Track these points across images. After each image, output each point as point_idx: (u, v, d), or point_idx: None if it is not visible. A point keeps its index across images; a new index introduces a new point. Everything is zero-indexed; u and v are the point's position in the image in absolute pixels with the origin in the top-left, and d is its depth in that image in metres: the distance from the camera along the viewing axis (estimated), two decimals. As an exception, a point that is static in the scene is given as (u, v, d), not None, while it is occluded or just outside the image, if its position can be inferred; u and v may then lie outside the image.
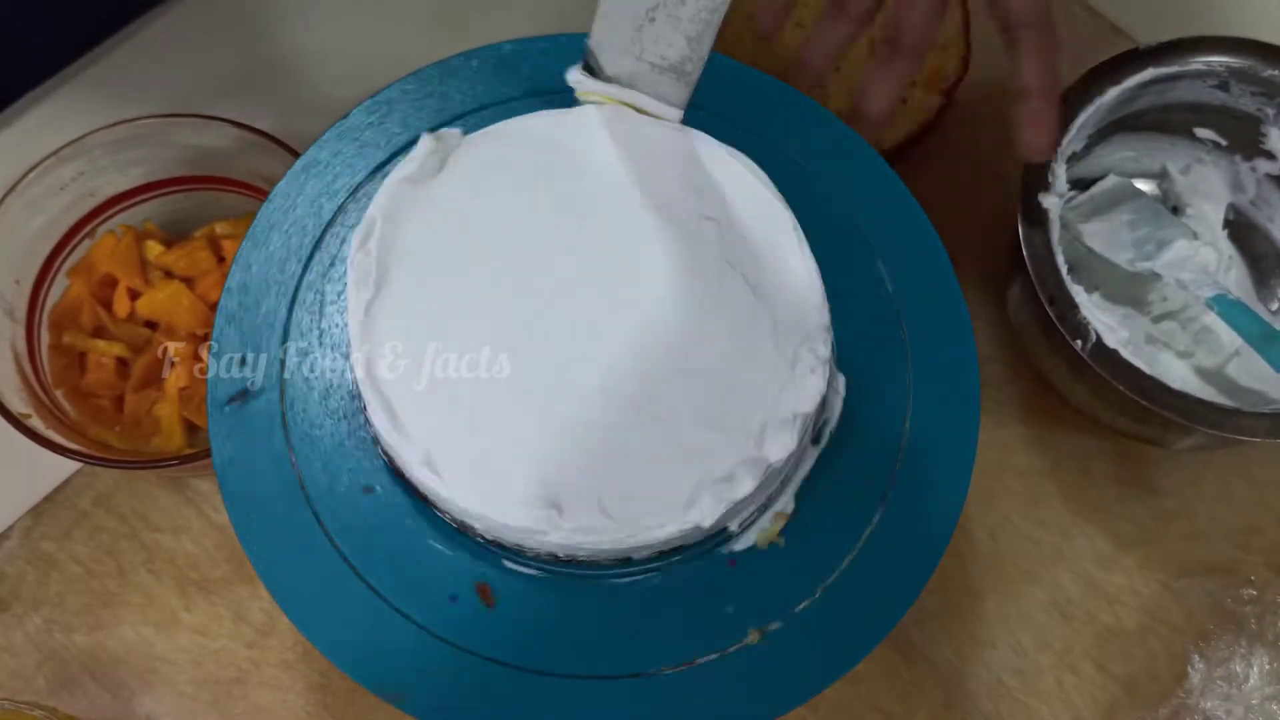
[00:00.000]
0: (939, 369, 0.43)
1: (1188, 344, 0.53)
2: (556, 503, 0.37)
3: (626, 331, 0.39)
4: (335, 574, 0.41)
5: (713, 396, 0.38)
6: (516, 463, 0.37)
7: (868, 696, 0.51)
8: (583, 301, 0.39)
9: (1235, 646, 0.50)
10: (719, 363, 0.39)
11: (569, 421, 0.38)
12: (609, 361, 0.38)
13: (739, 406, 0.38)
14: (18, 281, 0.52)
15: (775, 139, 0.46)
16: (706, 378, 0.39)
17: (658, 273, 0.40)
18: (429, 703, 0.40)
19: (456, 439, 0.37)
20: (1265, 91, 0.50)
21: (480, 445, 0.37)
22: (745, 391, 0.39)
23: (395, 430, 0.37)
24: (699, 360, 0.39)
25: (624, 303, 0.39)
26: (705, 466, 0.38)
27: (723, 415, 0.38)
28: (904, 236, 0.45)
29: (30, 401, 0.50)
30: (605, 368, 0.38)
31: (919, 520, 0.41)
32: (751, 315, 0.39)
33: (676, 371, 0.38)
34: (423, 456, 0.37)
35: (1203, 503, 0.54)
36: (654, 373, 0.38)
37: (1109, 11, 0.61)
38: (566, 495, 0.37)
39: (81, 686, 0.51)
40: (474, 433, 0.37)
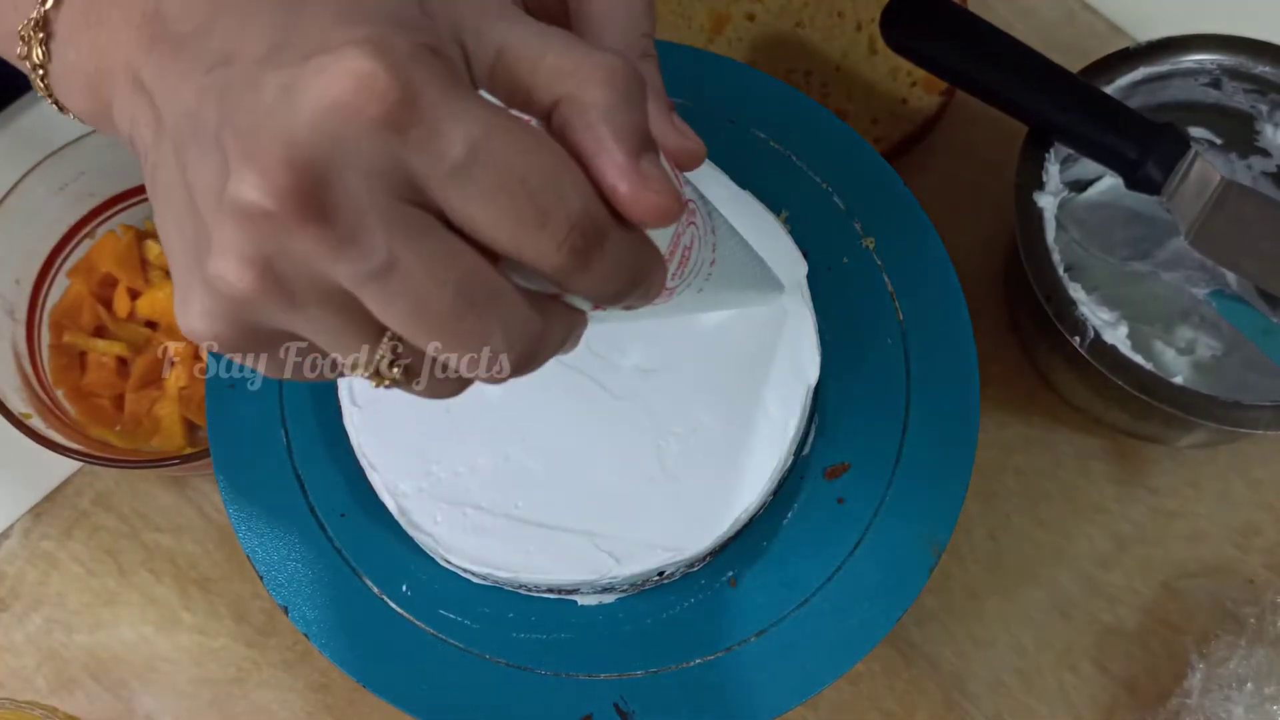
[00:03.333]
0: (939, 368, 0.43)
1: (1187, 341, 0.53)
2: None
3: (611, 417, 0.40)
4: (335, 574, 0.41)
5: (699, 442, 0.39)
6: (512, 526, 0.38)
7: (868, 696, 0.51)
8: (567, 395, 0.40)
9: (1235, 646, 0.50)
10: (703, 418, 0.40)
11: (561, 482, 0.39)
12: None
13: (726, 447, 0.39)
14: (18, 281, 0.53)
15: (775, 138, 0.46)
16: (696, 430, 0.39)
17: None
18: (429, 701, 0.40)
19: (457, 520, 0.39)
20: (1258, 88, 0.50)
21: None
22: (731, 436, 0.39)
23: (402, 514, 0.39)
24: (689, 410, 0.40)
25: (606, 393, 0.40)
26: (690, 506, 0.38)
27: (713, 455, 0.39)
28: (904, 236, 0.45)
29: (30, 401, 0.50)
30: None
31: (919, 519, 0.41)
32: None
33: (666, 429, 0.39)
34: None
35: (1203, 502, 0.54)
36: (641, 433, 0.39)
37: (1109, 10, 0.61)
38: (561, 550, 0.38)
39: (81, 686, 0.51)
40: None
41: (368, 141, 0.22)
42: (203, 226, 0.23)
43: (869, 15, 0.58)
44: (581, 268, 0.24)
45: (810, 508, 0.41)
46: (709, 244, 0.31)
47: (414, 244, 0.22)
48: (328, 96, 0.22)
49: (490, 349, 0.24)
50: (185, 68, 0.24)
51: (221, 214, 0.22)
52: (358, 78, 0.22)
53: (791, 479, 0.42)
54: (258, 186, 0.22)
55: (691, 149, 0.30)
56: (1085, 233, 0.54)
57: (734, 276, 0.35)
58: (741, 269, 0.36)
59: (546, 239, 0.23)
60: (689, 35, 0.59)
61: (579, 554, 0.38)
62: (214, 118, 0.23)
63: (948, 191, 0.58)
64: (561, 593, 0.40)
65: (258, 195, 0.22)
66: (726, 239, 0.33)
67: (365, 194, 0.22)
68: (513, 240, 0.23)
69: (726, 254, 0.33)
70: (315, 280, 0.23)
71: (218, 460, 0.42)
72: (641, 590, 0.40)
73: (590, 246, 0.23)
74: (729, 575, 0.41)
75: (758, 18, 0.59)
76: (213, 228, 0.23)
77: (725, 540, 0.40)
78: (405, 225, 0.22)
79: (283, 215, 0.22)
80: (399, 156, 0.22)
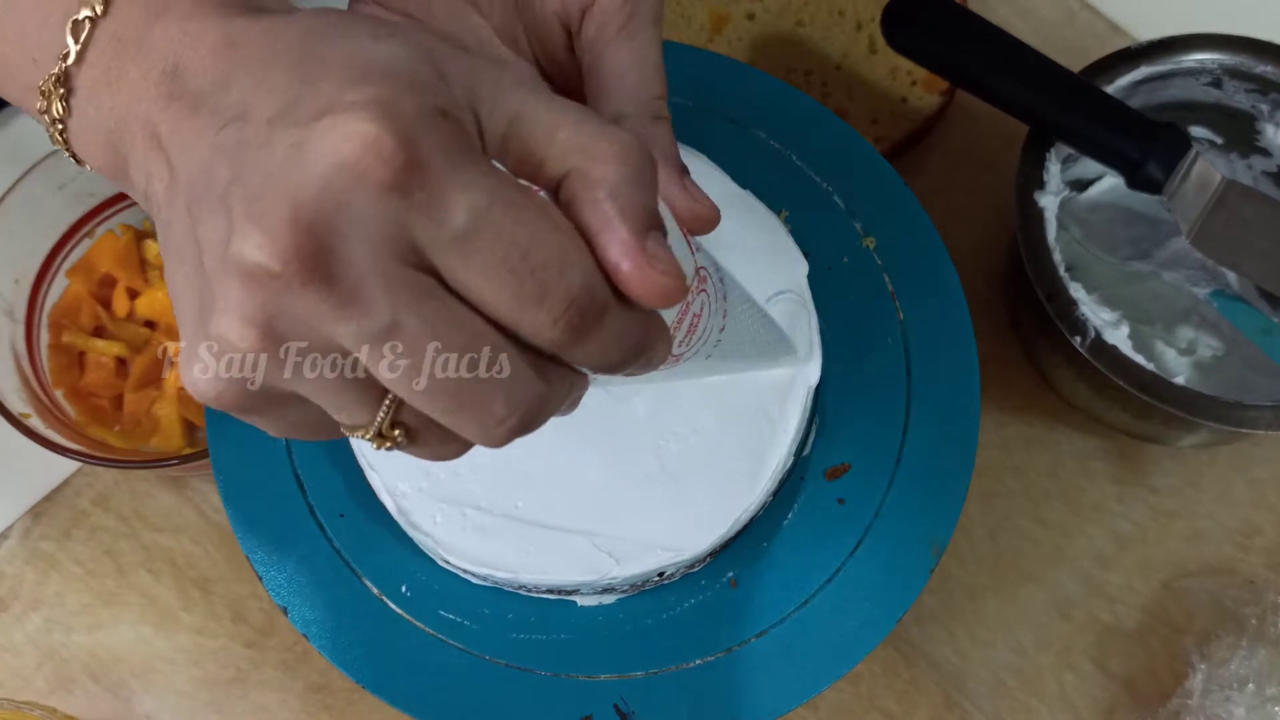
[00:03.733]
0: (940, 368, 0.43)
1: (1188, 341, 0.53)
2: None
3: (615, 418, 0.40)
4: (334, 574, 0.41)
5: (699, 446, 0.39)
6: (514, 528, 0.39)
7: (868, 696, 0.51)
8: None
9: (1236, 646, 0.50)
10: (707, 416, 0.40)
11: (563, 485, 0.38)
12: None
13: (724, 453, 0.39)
14: (17, 281, 0.52)
15: (775, 138, 0.46)
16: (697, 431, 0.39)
17: None
18: (429, 702, 0.40)
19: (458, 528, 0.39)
20: (1259, 88, 0.50)
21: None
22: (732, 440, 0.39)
23: (402, 514, 0.39)
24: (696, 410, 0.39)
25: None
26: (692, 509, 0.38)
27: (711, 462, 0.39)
28: (905, 235, 0.45)
29: (30, 401, 0.50)
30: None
31: (919, 520, 0.41)
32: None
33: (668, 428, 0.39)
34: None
35: (1203, 502, 0.54)
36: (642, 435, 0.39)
37: (1109, 10, 0.61)
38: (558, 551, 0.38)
39: (81, 686, 0.51)
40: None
41: (372, 204, 0.22)
42: (208, 284, 0.23)
43: (869, 14, 0.58)
44: (578, 342, 0.24)
45: (810, 508, 0.41)
46: (719, 311, 0.30)
47: (416, 308, 0.22)
48: (334, 158, 0.22)
49: (492, 413, 0.24)
50: (200, 125, 0.24)
51: (225, 272, 0.22)
52: (364, 140, 0.22)
53: (792, 479, 0.42)
54: (261, 246, 0.22)
55: (703, 214, 0.30)
56: (1086, 232, 0.54)
57: (743, 343, 0.35)
58: (752, 336, 0.36)
59: (544, 314, 0.23)
60: (689, 34, 0.59)
61: (579, 554, 0.38)
62: (225, 175, 0.23)
63: (948, 191, 0.58)
64: (561, 593, 0.40)
65: (261, 255, 0.22)
66: (738, 305, 0.33)
67: (368, 256, 0.22)
68: (510, 312, 0.23)
69: (737, 321, 0.33)
70: (318, 341, 0.23)
71: (217, 461, 0.42)
72: (641, 591, 0.40)
73: (588, 323, 0.23)
74: (729, 576, 0.41)
75: (758, 17, 0.59)
76: (216, 286, 0.23)
77: (725, 541, 0.40)
78: (408, 289, 0.22)
79: (286, 275, 0.22)
80: (403, 220, 0.22)
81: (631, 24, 0.31)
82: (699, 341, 0.30)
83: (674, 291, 0.24)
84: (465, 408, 0.24)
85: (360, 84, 0.22)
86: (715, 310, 0.30)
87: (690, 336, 0.29)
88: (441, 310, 0.23)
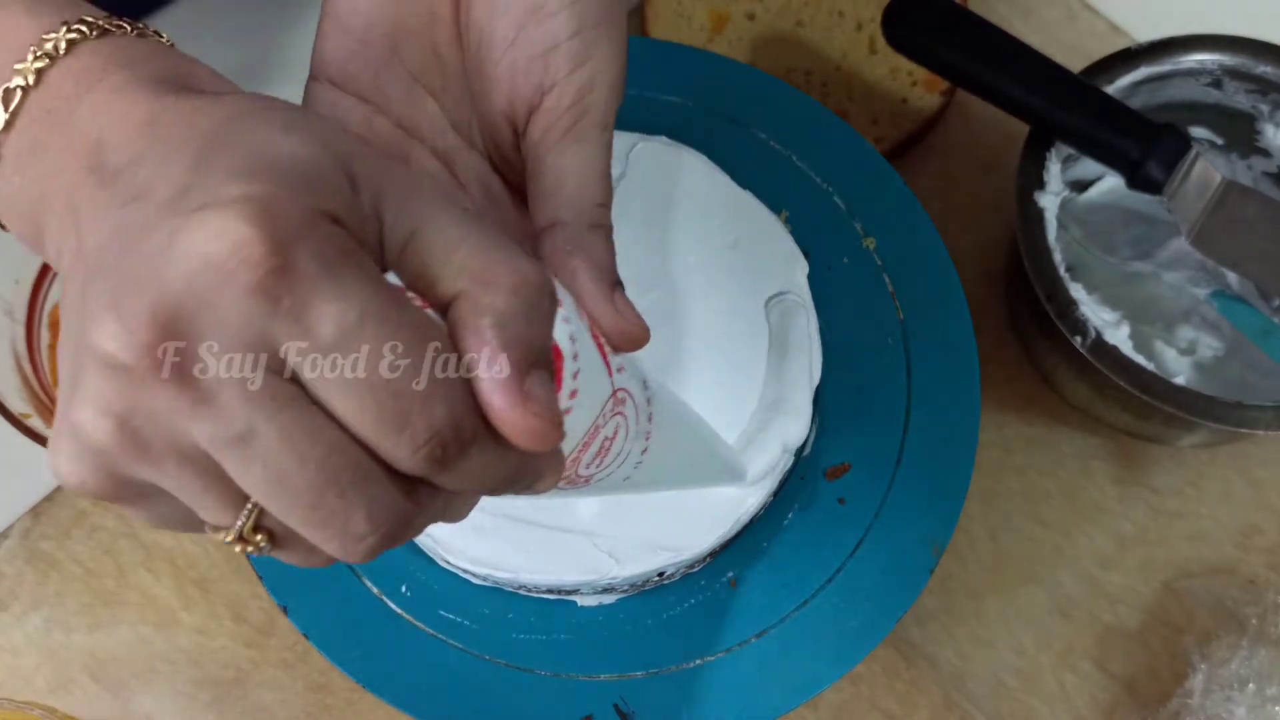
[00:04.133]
0: (939, 368, 0.43)
1: (1188, 341, 0.53)
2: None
3: None
4: (334, 574, 0.41)
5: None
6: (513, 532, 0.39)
7: (868, 696, 0.51)
8: None
9: (1236, 647, 0.50)
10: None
11: None
12: None
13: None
14: (17, 281, 0.52)
15: (775, 138, 0.46)
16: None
17: None
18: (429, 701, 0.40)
19: None
20: (1259, 89, 0.50)
21: None
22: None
23: None
24: None
25: None
26: None
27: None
28: (905, 235, 0.45)
29: (30, 401, 0.50)
30: None
31: (919, 520, 0.41)
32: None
33: None
34: None
35: (1204, 502, 0.54)
36: None
37: (1109, 10, 0.61)
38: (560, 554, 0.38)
39: (80, 686, 0.51)
40: None
41: (235, 307, 0.21)
42: (76, 367, 0.22)
43: (869, 14, 0.58)
44: (442, 471, 0.23)
45: (810, 508, 0.41)
46: (640, 434, 0.29)
47: (274, 416, 0.21)
48: (202, 255, 0.21)
49: (351, 530, 0.22)
50: (109, 199, 0.23)
51: (88, 359, 0.22)
52: (234, 240, 0.21)
53: (792, 479, 0.42)
54: (116, 337, 0.21)
55: (630, 332, 0.29)
56: (1086, 233, 0.54)
57: (672, 468, 0.34)
58: (686, 460, 0.35)
59: (404, 442, 0.22)
60: (689, 35, 0.59)
61: (579, 554, 0.38)
62: (113, 255, 0.22)
63: (948, 191, 0.58)
64: (561, 593, 0.40)
65: (115, 346, 0.21)
66: (670, 427, 0.31)
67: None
68: (370, 435, 0.22)
69: (668, 444, 0.31)
70: (173, 439, 0.22)
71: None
72: (641, 591, 0.40)
73: (451, 456, 0.22)
74: (729, 576, 0.41)
75: (758, 17, 0.59)
76: (79, 372, 0.22)
77: (725, 540, 0.40)
78: (266, 395, 0.21)
79: (139, 370, 0.21)
80: (266, 326, 0.21)
81: (578, 128, 0.30)
82: (614, 463, 0.29)
83: (545, 436, 0.23)
84: (323, 522, 0.22)
85: (248, 178, 0.22)
86: (635, 434, 0.29)
87: (602, 459, 0.28)
88: (301, 420, 0.22)
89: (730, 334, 0.41)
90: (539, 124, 0.30)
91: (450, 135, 0.32)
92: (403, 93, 0.31)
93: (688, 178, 0.43)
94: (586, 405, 0.26)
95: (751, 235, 0.42)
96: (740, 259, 0.42)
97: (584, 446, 0.27)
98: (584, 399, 0.25)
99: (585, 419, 0.26)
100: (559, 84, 0.30)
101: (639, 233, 0.42)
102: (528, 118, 0.30)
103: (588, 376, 0.25)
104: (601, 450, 0.28)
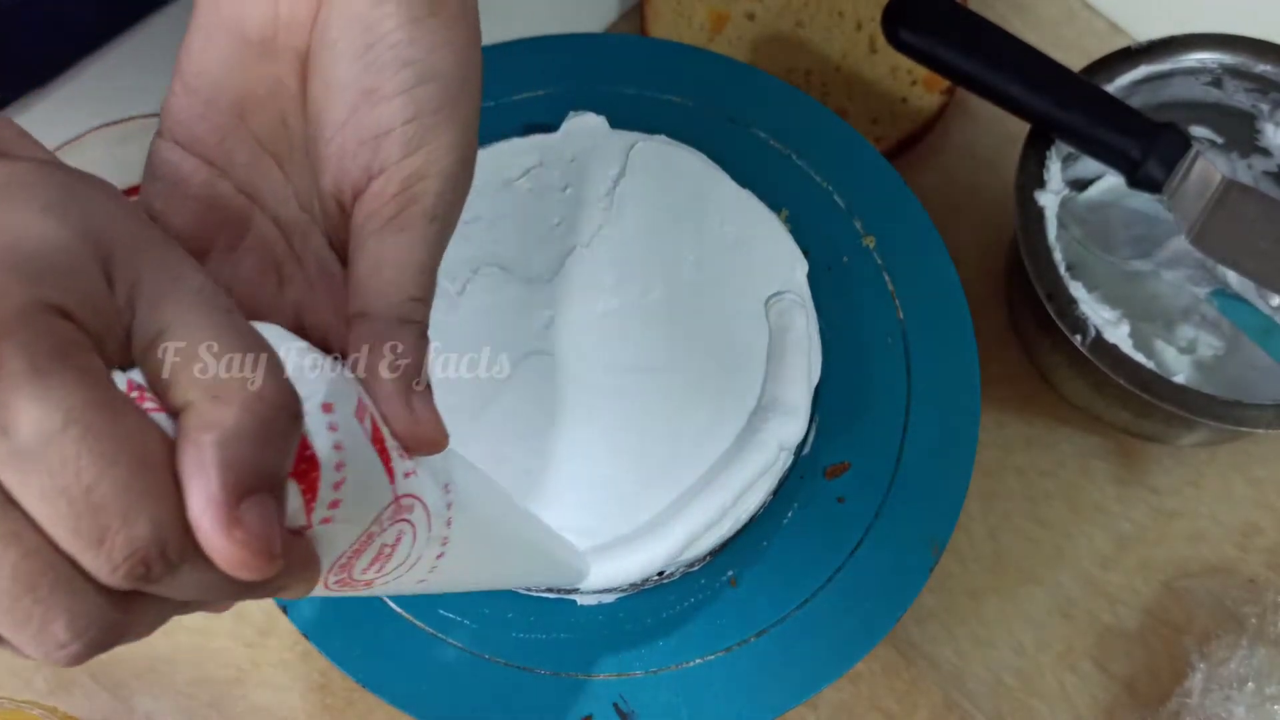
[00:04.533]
0: (939, 367, 0.43)
1: (1188, 340, 0.53)
2: None
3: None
4: (334, 573, 0.41)
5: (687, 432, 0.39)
6: None
7: (868, 696, 0.51)
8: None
9: (1236, 646, 0.50)
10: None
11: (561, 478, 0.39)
12: None
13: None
14: (17, 281, 0.52)
15: (775, 137, 0.46)
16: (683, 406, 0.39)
17: None
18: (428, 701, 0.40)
19: None
20: (1259, 88, 0.50)
21: None
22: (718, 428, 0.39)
23: None
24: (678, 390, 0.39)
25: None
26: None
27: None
28: (905, 235, 0.45)
29: (29, 401, 0.50)
30: None
31: (919, 519, 0.41)
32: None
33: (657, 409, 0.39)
34: None
35: (1204, 502, 0.54)
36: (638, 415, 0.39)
37: (1109, 9, 0.61)
38: None
39: (81, 686, 0.51)
40: None
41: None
42: None
43: (869, 14, 0.58)
44: (149, 586, 0.21)
45: (810, 507, 0.41)
46: (435, 539, 0.28)
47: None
48: None
49: (52, 637, 0.21)
50: None
51: None
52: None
53: (791, 478, 0.42)
54: None
55: (423, 436, 0.28)
56: (1086, 231, 0.54)
57: (482, 569, 0.33)
58: (497, 561, 0.34)
59: (102, 558, 0.21)
60: (689, 34, 0.59)
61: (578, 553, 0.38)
62: None
63: (948, 190, 0.58)
64: (561, 592, 0.40)
65: None
66: (476, 531, 0.30)
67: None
68: (66, 546, 0.21)
69: (472, 548, 0.31)
70: None
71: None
72: (641, 590, 0.40)
73: (155, 574, 0.21)
74: (729, 575, 0.41)
75: (758, 17, 0.59)
76: None
77: (725, 540, 0.40)
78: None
79: None
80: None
81: (402, 216, 0.29)
82: (400, 569, 0.28)
83: (253, 566, 0.21)
84: (21, 627, 0.21)
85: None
86: (428, 539, 0.28)
87: (381, 564, 0.27)
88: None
89: (729, 333, 0.41)
90: (363, 209, 0.29)
91: (293, 205, 0.31)
92: (248, 158, 0.30)
93: (687, 177, 0.43)
94: (353, 516, 0.25)
95: (751, 235, 0.42)
96: (740, 258, 0.42)
97: (354, 554, 0.26)
98: (350, 510, 0.25)
99: (350, 530, 0.25)
100: (388, 170, 0.29)
101: (638, 232, 0.42)
102: (353, 200, 0.29)
103: (356, 485, 0.24)
104: (380, 556, 0.27)
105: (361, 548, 0.26)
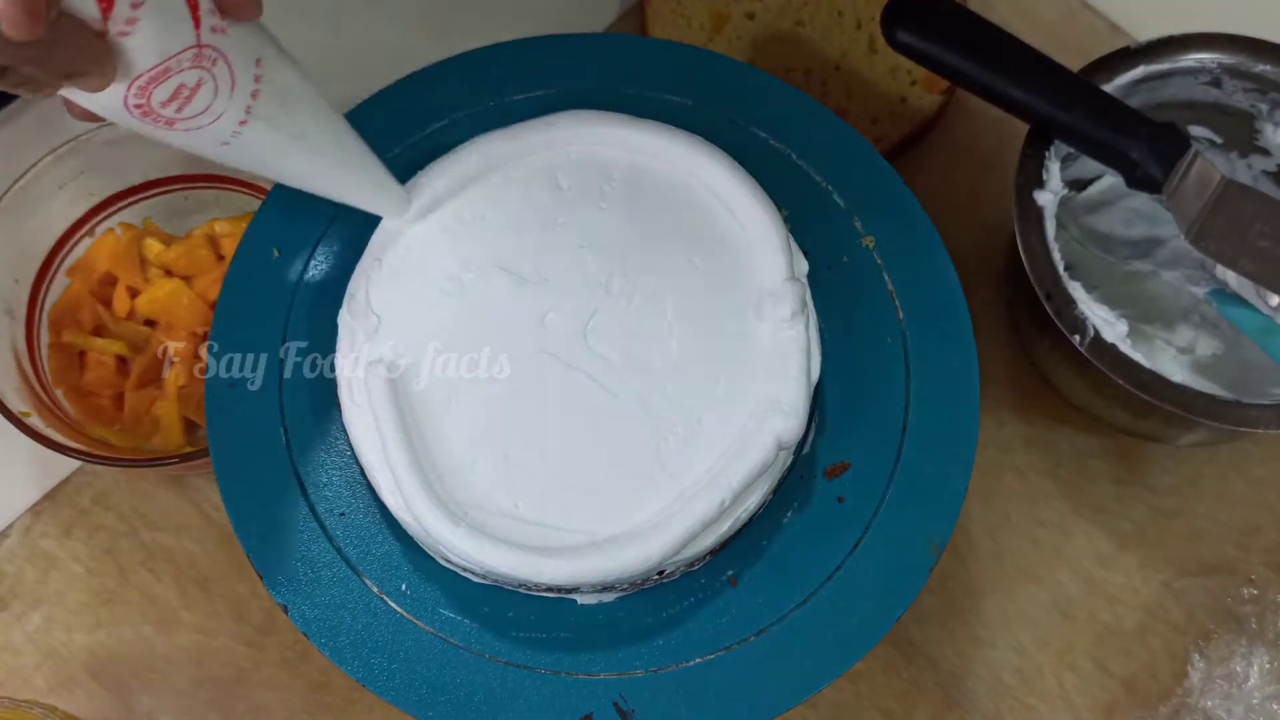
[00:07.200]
0: (939, 367, 0.43)
1: (1187, 340, 0.53)
2: None
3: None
4: (335, 573, 0.41)
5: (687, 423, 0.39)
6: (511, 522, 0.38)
7: (868, 696, 0.51)
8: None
9: (1235, 646, 0.50)
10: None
11: (554, 467, 0.38)
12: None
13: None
14: (17, 280, 0.52)
15: (775, 137, 0.46)
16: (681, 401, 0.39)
17: None
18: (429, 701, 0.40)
19: None
20: (1258, 87, 0.50)
21: None
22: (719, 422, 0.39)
23: None
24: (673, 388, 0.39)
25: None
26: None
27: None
28: (904, 235, 0.45)
29: (30, 400, 0.50)
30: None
31: (919, 519, 0.41)
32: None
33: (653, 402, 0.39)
34: None
35: (1203, 501, 0.54)
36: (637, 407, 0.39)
37: (1109, 9, 0.61)
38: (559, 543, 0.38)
39: (81, 685, 0.51)
40: None
41: None
42: None
43: (869, 14, 0.58)
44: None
45: (810, 507, 0.41)
46: (239, 103, 0.32)
47: None
48: None
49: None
50: None
51: None
52: None
53: (791, 478, 0.42)
54: None
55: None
56: (1085, 231, 0.54)
57: (289, 155, 0.36)
58: (308, 152, 0.36)
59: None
60: (689, 34, 0.59)
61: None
62: None
63: (948, 190, 0.58)
64: (561, 591, 0.40)
65: None
66: (288, 114, 0.34)
67: None
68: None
69: (280, 128, 0.34)
70: None
71: (217, 460, 0.42)
72: (641, 589, 0.40)
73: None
74: (729, 574, 0.41)
75: (758, 16, 0.59)
76: None
77: (725, 539, 0.40)
78: None
79: None
80: None
81: None
82: (202, 117, 0.31)
83: (20, 23, 0.25)
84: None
85: None
86: (231, 98, 0.32)
87: (181, 105, 0.31)
88: None
89: (729, 333, 0.41)
90: None
91: None
92: None
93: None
94: (151, 43, 0.29)
95: (751, 234, 0.42)
96: (740, 258, 0.42)
97: (152, 80, 0.29)
98: (146, 32, 0.28)
99: (147, 53, 0.29)
100: None
101: (637, 231, 0.42)
102: None
103: (156, 12, 0.28)
104: (178, 95, 0.30)
105: (159, 77, 0.30)
